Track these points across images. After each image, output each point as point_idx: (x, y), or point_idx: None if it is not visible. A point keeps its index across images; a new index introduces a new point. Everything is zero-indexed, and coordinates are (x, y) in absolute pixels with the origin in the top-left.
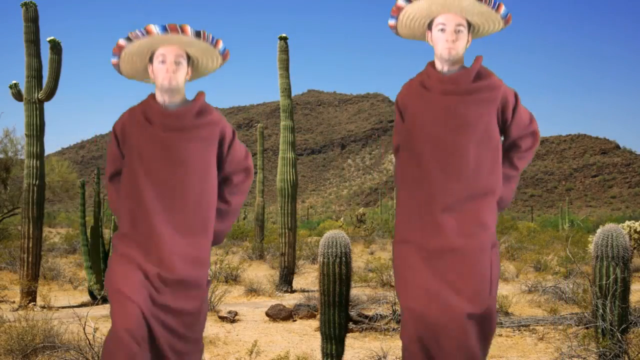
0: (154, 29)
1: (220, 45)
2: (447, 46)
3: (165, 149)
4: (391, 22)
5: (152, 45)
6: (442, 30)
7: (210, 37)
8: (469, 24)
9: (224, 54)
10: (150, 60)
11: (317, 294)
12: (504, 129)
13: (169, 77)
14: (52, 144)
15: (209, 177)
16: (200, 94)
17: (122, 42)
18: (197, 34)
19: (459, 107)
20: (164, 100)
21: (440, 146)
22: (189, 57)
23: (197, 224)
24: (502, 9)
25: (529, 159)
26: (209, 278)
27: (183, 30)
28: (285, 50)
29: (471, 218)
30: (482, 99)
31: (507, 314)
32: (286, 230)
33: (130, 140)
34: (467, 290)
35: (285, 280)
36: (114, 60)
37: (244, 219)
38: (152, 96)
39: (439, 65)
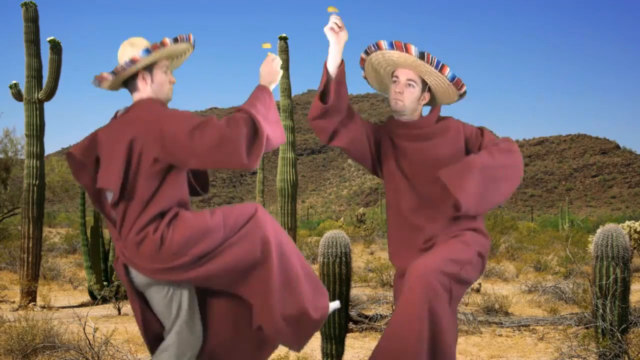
0: (169, 41)
1: (192, 38)
2: (394, 97)
3: None
4: (362, 73)
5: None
6: (394, 82)
7: (185, 37)
8: (426, 84)
9: (194, 45)
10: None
11: None
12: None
13: (172, 88)
14: (52, 144)
15: None
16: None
17: (107, 75)
18: (175, 40)
19: (432, 149)
20: None
21: (418, 187)
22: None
23: None
24: (447, 70)
25: (503, 149)
26: None
27: (177, 41)
28: (285, 50)
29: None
30: (450, 137)
31: (507, 314)
32: (286, 230)
33: None
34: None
35: None
36: (107, 75)
37: None
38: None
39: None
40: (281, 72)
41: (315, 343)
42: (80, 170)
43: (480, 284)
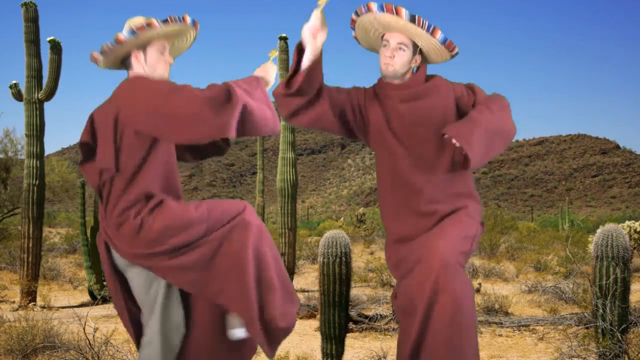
0: (156, 23)
1: (188, 19)
2: (385, 61)
3: None
4: (353, 33)
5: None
6: (385, 46)
7: (177, 18)
8: (417, 47)
9: (194, 27)
10: (140, 47)
11: (317, 294)
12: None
13: (168, 69)
14: (52, 144)
15: None
16: None
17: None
18: (165, 21)
19: (424, 108)
20: None
21: (412, 147)
22: None
23: None
24: (438, 33)
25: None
26: None
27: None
28: (285, 51)
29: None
30: (442, 96)
31: (507, 314)
32: (286, 230)
33: None
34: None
35: None
36: (96, 55)
37: None
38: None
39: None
40: (274, 75)
41: (315, 343)
42: (90, 159)
43: (480, 284)
